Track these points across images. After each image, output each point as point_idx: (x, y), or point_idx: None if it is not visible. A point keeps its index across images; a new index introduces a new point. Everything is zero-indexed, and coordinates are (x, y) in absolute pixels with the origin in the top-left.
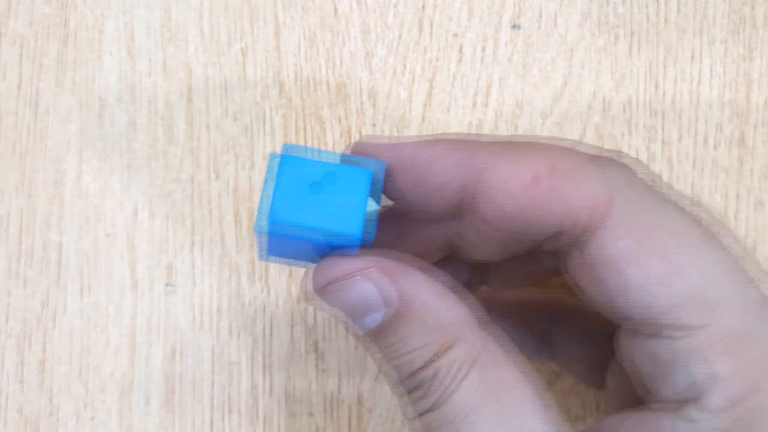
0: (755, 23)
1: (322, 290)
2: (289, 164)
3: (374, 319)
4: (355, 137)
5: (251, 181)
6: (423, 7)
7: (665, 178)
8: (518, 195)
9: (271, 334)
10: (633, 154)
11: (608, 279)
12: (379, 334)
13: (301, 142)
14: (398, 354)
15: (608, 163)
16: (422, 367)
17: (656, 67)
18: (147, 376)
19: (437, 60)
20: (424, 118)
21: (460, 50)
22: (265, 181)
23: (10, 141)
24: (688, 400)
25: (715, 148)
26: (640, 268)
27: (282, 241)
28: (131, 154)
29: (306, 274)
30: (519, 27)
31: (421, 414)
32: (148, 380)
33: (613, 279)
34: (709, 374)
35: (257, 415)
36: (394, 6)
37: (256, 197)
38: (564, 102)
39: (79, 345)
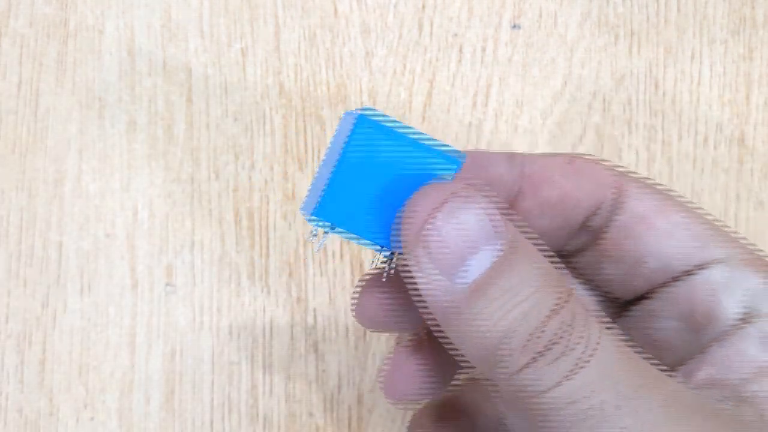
0: (755, 23)
1: (438, 211)
2: (362, 132)
3: (486, 257)
4: None
5: (251, 181)
6: (423, 7)
7: (665, 178)
8: (557, 179)
9: (271, 334)
10: (633, 154)
11: (641, 237)
12: (492, 279)
13: (301, 142)
14: (521, 299)
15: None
16: (560, 308)
17: (656, 67)
18: (147, 376)
19: (437, 60)
20: (424, 118)
21: (460, 50)
22: (333, 143)
23: (10, 141)
24: (755, 308)
25: (715, 148)
26: (667, 217)
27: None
28: (131, 154)
29: (418, 195)
30: (519, 27)
31: (555, 385)
32: (148, 380)
33: (647, 234)
34: (749, 289)
35: (257, 415)
36: (394, 6)
37: (257, 197)
38: (564, 102)
39: (79, 345)
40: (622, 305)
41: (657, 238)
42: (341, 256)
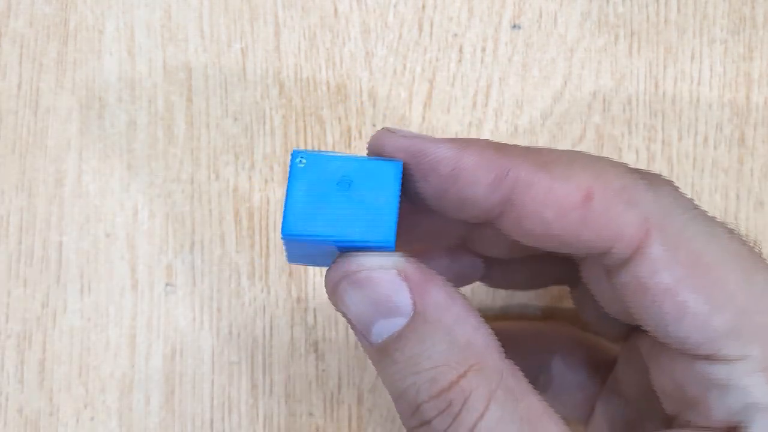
0: (755, 23)
1: (341, 283)
2: (310, 164)
3: (394, 323)
4: (355, 137)
5: (251, 181)
6: (423, 7)
7: None
8: (549, 219)
9: (271, 334)
10: (633, 154)
11: (644, 309)
12: (396, 344)
13: (301, 143)
14: (417, 370)
15: (657, 180)
16: (448, 388)
17: (656, 67)
18: (147, 376)
19: (437, 60)
20: (424, 118)
21: (460, 50)
22: (290, 183)
23: (10, 141)
24: (726, 428)
25: (715, 148)
26: (676, 303)
27: (304, 245)
28: (131, 154)
29: (332, 265)
30: (519, 27)
31: None
32: (148, 380)
33: (649, 310)
34: (750, 405)
35: (257, 415)
36: (394, 6)
37: (256, 197)
38: (564, 102)
39: (79, 345)
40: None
41: (662, 319)
42: None
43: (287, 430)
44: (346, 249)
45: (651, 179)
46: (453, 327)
